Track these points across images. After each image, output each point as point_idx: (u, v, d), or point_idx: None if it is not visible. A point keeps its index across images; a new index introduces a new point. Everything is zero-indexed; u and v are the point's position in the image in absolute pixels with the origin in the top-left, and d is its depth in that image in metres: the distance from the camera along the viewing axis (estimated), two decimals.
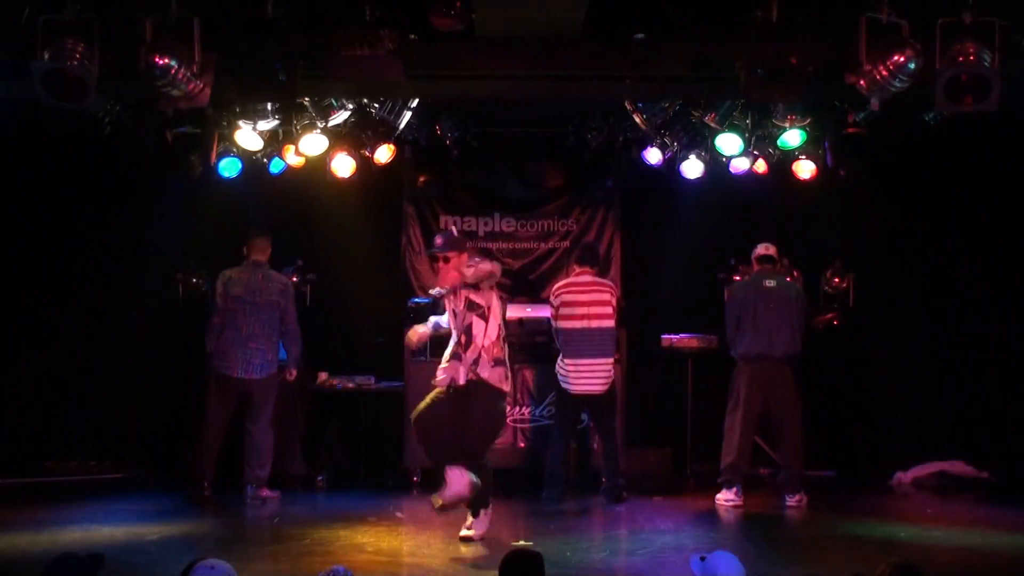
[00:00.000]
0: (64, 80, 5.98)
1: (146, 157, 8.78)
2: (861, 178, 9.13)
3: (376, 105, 8.35)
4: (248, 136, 8.64)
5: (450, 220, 9.94)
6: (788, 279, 8.80)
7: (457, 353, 6.64)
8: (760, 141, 9.04)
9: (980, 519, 7.84)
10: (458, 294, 6.68)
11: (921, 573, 4.10)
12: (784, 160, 9.20)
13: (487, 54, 6.89)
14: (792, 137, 8.74)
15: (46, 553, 5.27)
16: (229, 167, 9.12)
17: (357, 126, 8.80)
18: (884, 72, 6.02)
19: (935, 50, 6.08)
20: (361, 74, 6.53)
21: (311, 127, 8.57)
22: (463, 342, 6.62)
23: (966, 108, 6.12)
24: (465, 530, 6.73)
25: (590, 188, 10.11)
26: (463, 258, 6.72)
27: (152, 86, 6.12)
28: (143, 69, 6.00)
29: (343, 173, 9.14)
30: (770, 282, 8.33)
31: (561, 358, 8.24)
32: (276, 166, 9.20)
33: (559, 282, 8.53)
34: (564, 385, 8.23)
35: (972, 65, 5.99)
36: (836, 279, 9.50)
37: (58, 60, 5.95)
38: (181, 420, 9.03)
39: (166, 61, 5.96)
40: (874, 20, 6.07)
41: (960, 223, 9.34)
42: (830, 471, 9.37)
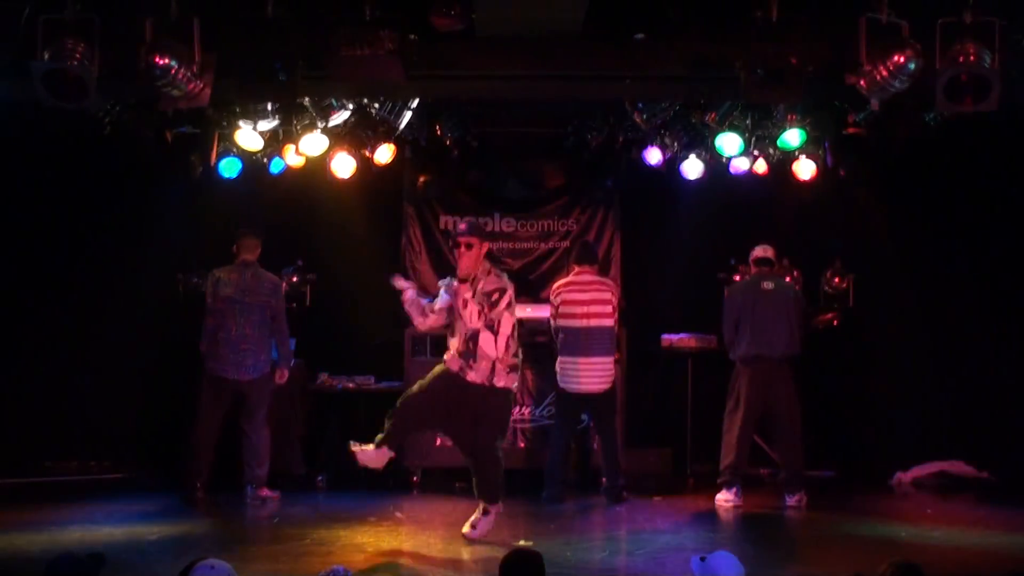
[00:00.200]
0: (64, 80, 5.99)
1: (146, 157, 8.80)
2: (861, 178, 9.15)
3: (376, 105, 8.35)
4: (248, 136, 8.65)
5: (450, 220, 9.97)
6: (787, 279, 8.80)
7: (465, 352, 6.60)
8: (760, 141, 9.04)
9: (980, 519, 7.83)
10: (473, 283, 6.63)
11: (922, 572, 4.10)
12: (784, 160, 9.21)
13: (487, 54, 6.89)
14: (792, 137, 8.75)
15: (46, 553, 5.28)
16: (229, 167, 9.13)
17: (357, 126, 8.82)
18: (884, 72, 6.03)
19: (935, 50, 6.09)
20: (361, 74, 6.53)
21: (311, 127, 8.57)
22: (470, 348, 6.58)
23: (966, 108, 6.13)
24: (469, 528, 6.74)
25: (590, 188, 10.10)
26: (484, 247, 6.74)
27: (152, 86, 6.13)
28: (143, 69, 6.01)
29: (343, 173, 9.16)
30: (768, 284, 8.32)
31: (561, 357, 8.24)
32: (276, 166, 9.21)
33: (559, 281, 8.53)
34: (564, 384, 8.23)
35: (972, 65, 6.00)
36: (836, 279, 9.51)
37: (58, 60, 5.96)
38: (181, 420, 9.01)
39: (166, 61, 5.97)
40: (874, 20, 6.07)
41: (960, 223, 9.33)
42: (830, 471, 9.36)
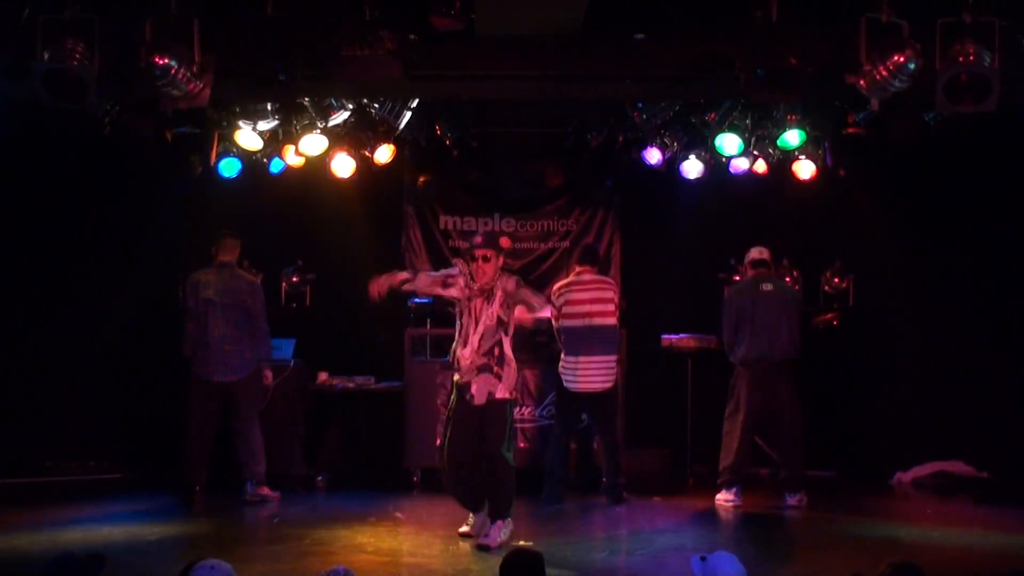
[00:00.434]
0: (64, 80, 6.00)
1: (146, 157, 8.80)
2: (861, 178, 9.14)
3: (376, 105, 8.35)
4: (248, 136, 8.66)
5: (450, 220, 9.97)
6: (787, 280, 8.79)
7: (489, 366, 6.57)
8: (760, 141, 9.04)
9: (980, 519, 7.84)
10: (494, 291, 6.59)
11: (922, 572, 4.10)
12: (784, 160, 9.21)
13: (487, 54, 6.89)
14: (792, 137, 8.75)
15: (46, 553, 5.28)
16: (229, 167, 9.13)
17: (357, 126, 8.82)
18: (884, 72, 6.03)
19: (935, 50, 6.09)
20: (361, 74, 6.54)
21: (311, 127, 8.58)
22: (496, 354, 6.57)
23: (966, 108, 6.13)
24: (483, 539, 6.59)
25: (590, 188, 10.09)
26: (501, 260, 6.72)
27: (152, 86, 6.13)
28: (143, 69, 6.01)
29: (343, 173, 9.16)
30: (767, 286, 8.30)
31: (563, 356, 8.22)
32: (276, 166, 9.21)
33: (560, 282, 8.50)
34: (566, 384, 8.21)
35: (972, 65, 6.00)
36: (836, 279, 9.51)
37: (58, 60, 5.97)
38: (181, 420, 9.00)
39: (166, 61, 5.97)
40: (874, 20, 6.07)
41: (960, 223, 9.33)
42: (830, 471, 9.36)
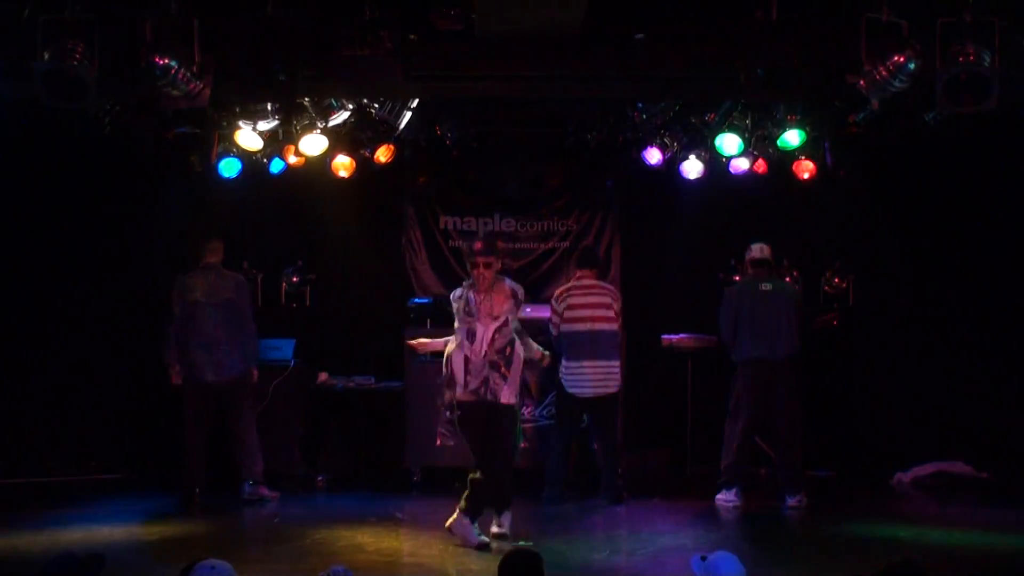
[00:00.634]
0: (64, 80, 5.99)
1: (146, 157, 8.80)
2: (861, 178, 9.14)
3: (376, 105, 8.35)
4: (248, 136, 8.65)
5: (450, 220, 9.97)
6: (787, 279, 8.78)
7: (498, 365, 6.56)
8: (760, 141, 9.04)
9: (980, 519, 7.83)
10: (491, 294, 6.61)
11: (922, 570, 4.10)
12: (784, 160, 9.21)
13: (487, 54, 6.89)
14: (792, 137, 8.76)
15: (46, 553, 5.29)
16: (229, 167, 9.13)
17: (357, 126, 8.82)
18: (884, 72, 6.03)
19: (935, 50, 6.09)
20: (361, 74, 6.54)
21: (311, 127, 8.57)
22: (507, 353, 6.58)
23: (966, 108, 6.13)
24: (496, 527, 6.77)
25: (590, 188, 10.10)
26: (499, 263, 6.75)
27: (152, 86, 6.13)
28: (143, 69, 6.01)
29: (343, 173, 9.16)
30: (766, 285, 8.27)
31: (564, 361, 8.19)
32: (276, 166, 9.21)
33: (562, 287, 8.46)
34: (571, 389, 8.18)
35: (972, 65, 6.00)
36: (836, 279, 9.51)
37: (58, 60, 5.96)
38: (181, 420, 9.01)
39: (166, 61, 5.98)
40: (874, 20, 6.07)
41: (960, 223, 9.33)
42: (830, 471, 9.36)
